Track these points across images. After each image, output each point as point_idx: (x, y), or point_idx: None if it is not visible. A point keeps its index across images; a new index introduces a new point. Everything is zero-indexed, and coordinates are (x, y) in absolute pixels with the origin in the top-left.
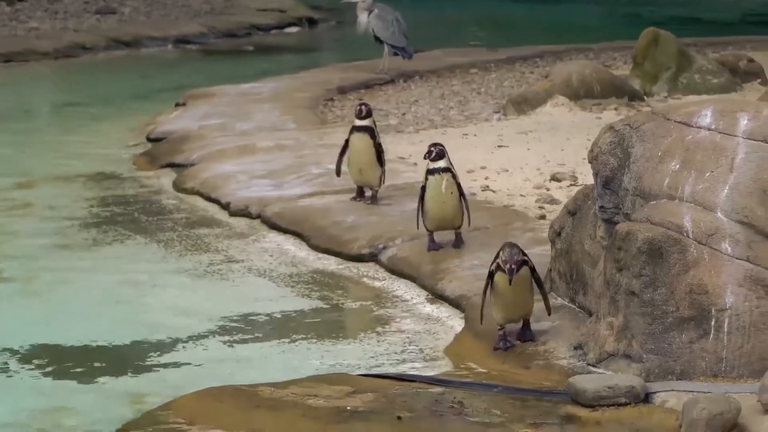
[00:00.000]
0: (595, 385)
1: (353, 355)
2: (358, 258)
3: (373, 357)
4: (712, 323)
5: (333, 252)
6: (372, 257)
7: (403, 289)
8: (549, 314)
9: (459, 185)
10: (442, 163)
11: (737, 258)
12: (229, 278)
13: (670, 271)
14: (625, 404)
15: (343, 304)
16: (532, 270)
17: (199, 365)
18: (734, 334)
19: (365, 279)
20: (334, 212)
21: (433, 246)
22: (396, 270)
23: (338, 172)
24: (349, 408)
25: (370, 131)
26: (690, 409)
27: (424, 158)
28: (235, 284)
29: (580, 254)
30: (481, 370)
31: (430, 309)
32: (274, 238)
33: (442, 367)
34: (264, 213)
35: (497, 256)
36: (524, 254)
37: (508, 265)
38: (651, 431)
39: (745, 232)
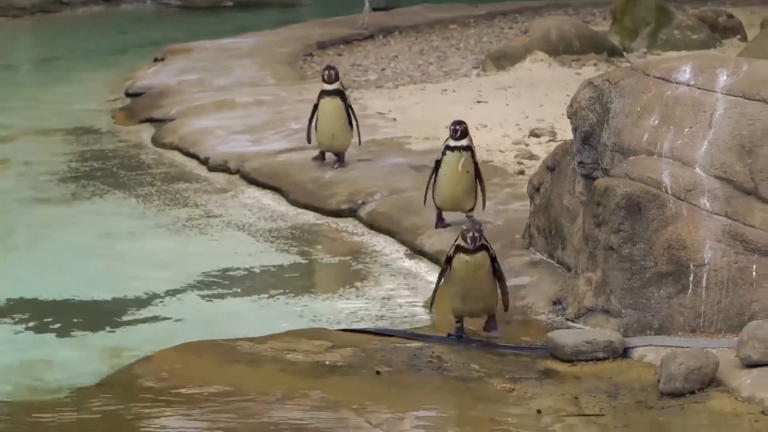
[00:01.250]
0: (574, 340)
1: (332, 310)
2: (337, 213)
3: (351, 312)
4: (691, 278)
5: (312, 207)
6: (351, 212)
7: (382, 244)
8: (506, 310)
9: (477, 165)
10: (464, 142)
11: (716, 213)
12: (207, 233)
13: (648, 226)
14: (604, 359)
15: (321, 259)
16: (493, 259)
17: (178, 320)
18: (712, 289)
19: (344, 234)
20: (313, 167)
21: (441, 223)
22: (375, 225)
23: (309, 138)
24: (327, 363)
25: (341, 94)
26: (668, 364)
27: (450, 138)
28: (214, 239)
29: (559, 210)
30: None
31: (408, 264)
32: (253, 194)
33: (421, 322)
34: (243, 168)
35: (457, 239)
36: (486, 240)
37: (470, 234)
38: (629, 386)
39: (723, 188)
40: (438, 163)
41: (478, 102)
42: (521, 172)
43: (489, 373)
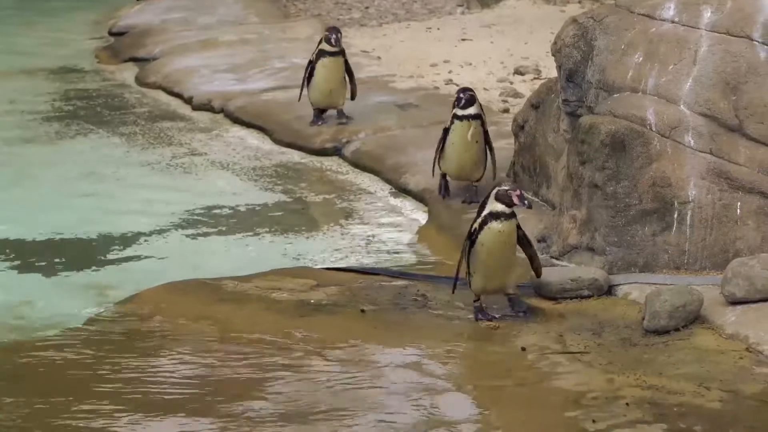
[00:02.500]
0: (559, 277)
1: (317, 249)
2: (322, 152)
3: (336, 250)
4: (675, 216)
5: (296, 146)
6: (335, 151)
7: (366, 182)
8: (538, 277)
9: (487, 133)
10: (472, 110)
11: (700, 151)
12: (192, 172)
13: (633, 164)
14: (588, 296)
15: (306, 197)
16: (518, 226)
17: (163, 258)
18: (697, 226)
19: (329, 173)
20: (297, 106)
21: (445, 191)
22: (359, 164)
23: (300, 97)
24: (312, 301)
25: (343, 53)
26: (652, 301)
27: (454, 107)
28: (199, 178)
29: (544, 147)
30: (444, 262)
31: (393, 202)
32: (237, 132)
33: (406, 260)
34: (227, 107)
35: (483, 208)
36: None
37: (517, 192)
38: (614, 323)
39: (708, 125)
40: (446, 131)
41: (463, 40)
42: (506, 110)
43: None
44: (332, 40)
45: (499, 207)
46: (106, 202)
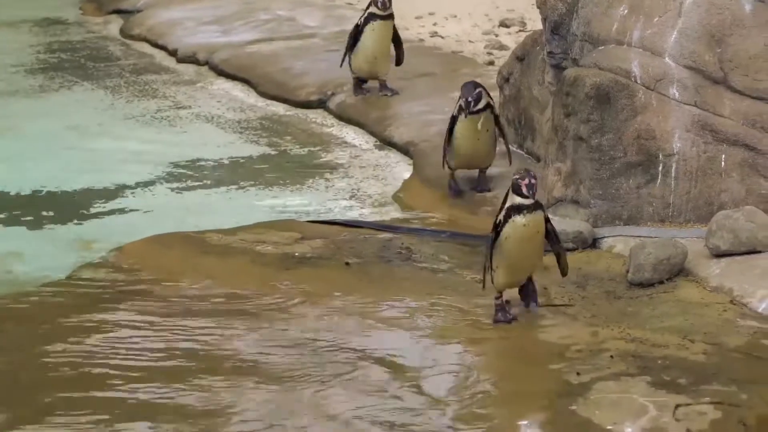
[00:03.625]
0: None
1: (301, 202)
2: (307, 104)
3: (321, 203)
4: (660, 168)
5: (281, 99)
6: (320, 104)
7: (351, 135)
8: (564, 274)
9: (497, 118)
10: (482, 104)
11: (685, 103)
12: (177, 124)
13: (617, 116)
14: (573, 249)
15: (291, 150)
16: (547, 219)
17: (148, 212)
18: (681, 179)
19: (313, 125)
20: (282, 59)
21: (455, 191)
22: (344, 116)
23: (342, 63)
24: (297, 254)
25: (392, 18)
26: (637, 254)
27: (465, 116)
28: (183, 130)
29: (529, 100)
30: (429, 216)
31: (378, 155)
32: (222, 85)
33: (391, 213)
34: (212, 59)
35: (505, 200)
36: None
37: (526, 181)
38: (598, 276)
39: (693, 77)
40: (453, 119)
41: None
42: (491, 63)
43: (458, 264)
44: (380, 3)
45: (518, 199)
46: (90, 156)
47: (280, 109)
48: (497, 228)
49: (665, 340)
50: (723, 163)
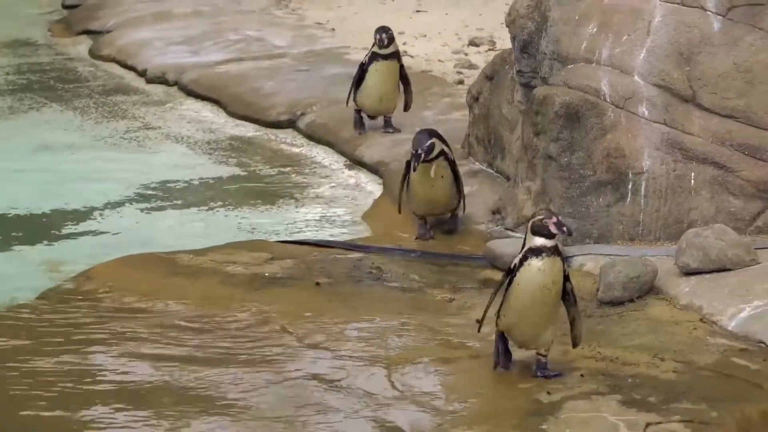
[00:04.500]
0: (513, 249)
1: (271, 222)
2: (276, 125)
3: (291, 223)
4: (629, 187)
5: (251, 119)
6: (290, 123)
7: (321, 155)
8: (575, 346)
9: (453, 163)
10: (434, 154)
11: (654, 121)
12: (146, 145)
13: (587, 135)
14: None
15: (261, 170)
16: (566, 276)
17: (117, 233)
18: (651, 197)
19: (283, 145)
20: (251, 79)
21: (423, 233)
22: (314, 136)
23: (348, 102)
24: (267, 274)
25: (397, 56)
26: (607, 272)
27: (414, 169)
28: (153, 151)
29: (498, 119)
30: (399, 235)
31: (348, 175)
32: (192, 105)
33: (361, 232)
34: (181, 80)
35: (524, 243)
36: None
37: (553, 220)
38: None
39: (662, 96)
40: (408, 166)
41: (418, 11)
42: (460, 82)
43: (429, 283)
44: (377, 40)
45: (539, 241)
46: (60, 177)
47: (249, 129)
48: (511, 272)
49: (635, 358)
50: (692, 181)
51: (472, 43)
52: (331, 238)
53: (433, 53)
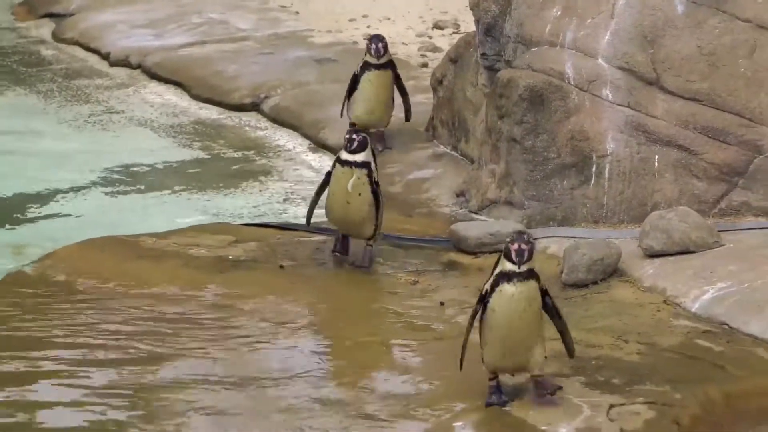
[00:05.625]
0: (478, 232)
1: (235, 205)
2: (240, 107)
3: (255, 206)
4: (593, 169)
5: (215, 102)
6: (254, 106)
7: (285, 138)
8: (571, 356)
9: (375, 185)
10: (359, 157)
11: (618, 104)
12: (109, 129)
13: (551, 117)
14: None
15: (224, 153)
16: (544, 292)
17: (80, 216)
18: (615, 180)
19: (247, 128)
20: (215, 62)
21: (339, 249)
22: (278, 119)
23: (342, 113)
24: (231, 257)
25: (391, 66)
26: (571, 255)
27: (346, 150)
28: (116, 135)
29: (462, 102)
30: None
31: (312, 158)
32: (155, 88)
33: (325, 215)
34: (144, 63)
35: (496, 264)
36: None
37: (516, 246)
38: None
39: (626, 78)
40: (328, 175)
41: None
42: (424, 65)
43: (393, 266)
44: (373, 50)
45: (508, 265)
46: (22, 161)
47: (213, 112)
48: (484, 298)
49: (599, 340)
50: (656, 163)
51: (437, 26)
52: (294, 221)
53: (397, 36)
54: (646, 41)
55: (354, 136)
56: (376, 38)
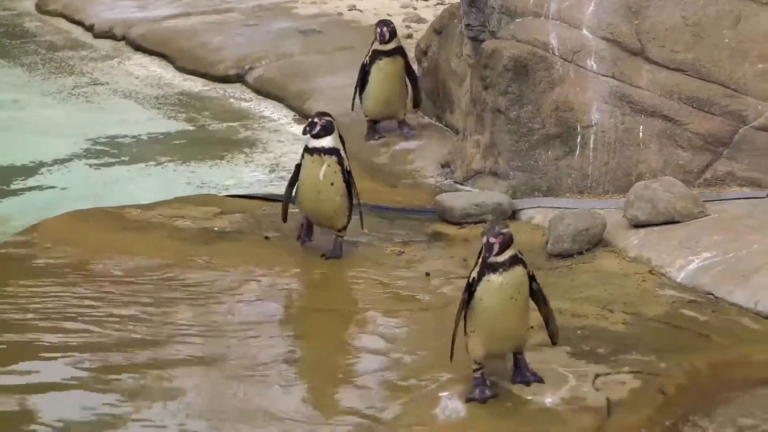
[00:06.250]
0: (463, 202)
1: (220, 177)
2: (225, 79)
3: (240, 178)
4: (578, 140)
5: (199, 73)
6: (239, 78)
7: (270, 109)
8: (554, 342)
9: (346, 173)
10: (326, 142)
11: (603, 75)
12: (94, 101)
13: (536, 88)
14: None
15: (209, 125)
16: (531, 277)
17: (65, 188)
18: (600, 150)
19: (232, 100)
20: (199, 33)
21: (304, 238)
22: (263, 91)
23: (353, 106)
24: (216, 228)
25: (401, 52)
26: (556, 225)
27: (304, 133)
28: (101, 107)
29: (447, 73)
30: None
31: (297, 129)
32: (140, 60)
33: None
34: (129, 34)
35: (479, 255)
36: (519, 251)
37: (487, 238)
38: (518, 247)
39: (610, 49)
40: (298, 167)
41: None
42: (409, 36)
43: (379, 237)
44: (378, 35)
45: (487, 253)
46: (6, 133)
47: (198, 84)
48: (470, 287)
49: (585, 310)
50: (641, 134)
51: None
52: (280, 193)
53: (382, 7)
54: (630, 12)
55: (316, 119)
56: (382, 23)
